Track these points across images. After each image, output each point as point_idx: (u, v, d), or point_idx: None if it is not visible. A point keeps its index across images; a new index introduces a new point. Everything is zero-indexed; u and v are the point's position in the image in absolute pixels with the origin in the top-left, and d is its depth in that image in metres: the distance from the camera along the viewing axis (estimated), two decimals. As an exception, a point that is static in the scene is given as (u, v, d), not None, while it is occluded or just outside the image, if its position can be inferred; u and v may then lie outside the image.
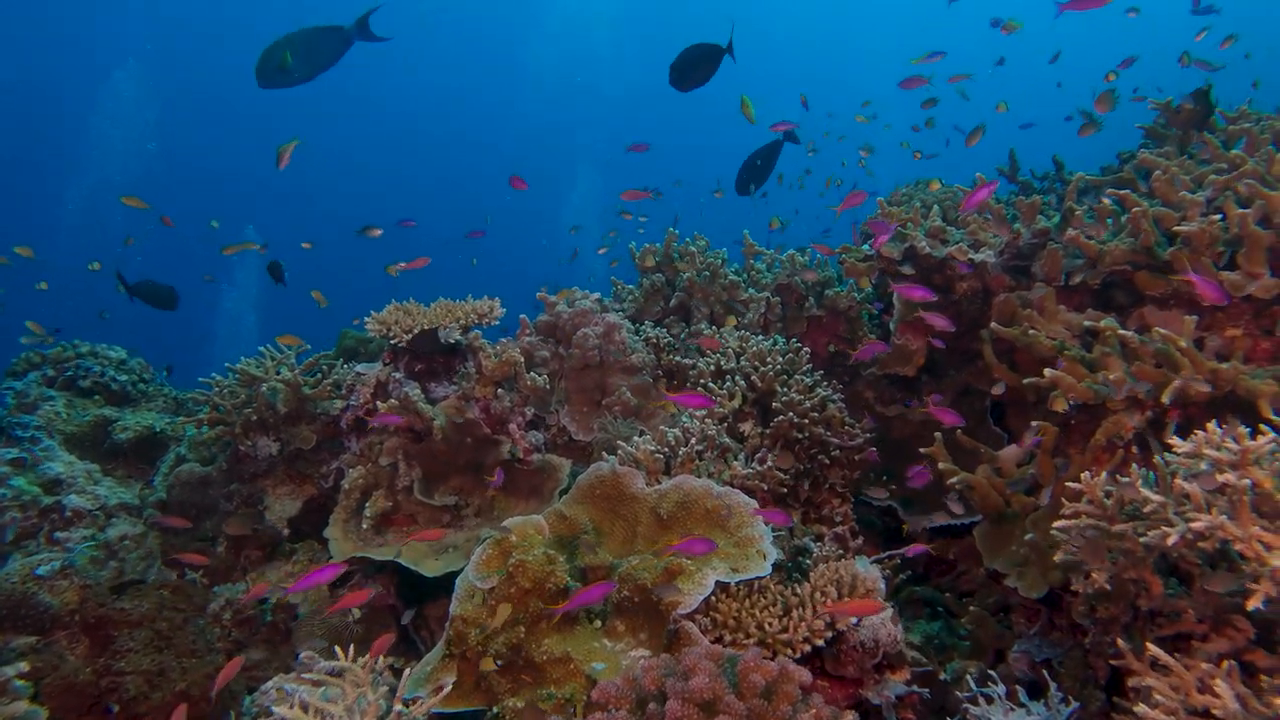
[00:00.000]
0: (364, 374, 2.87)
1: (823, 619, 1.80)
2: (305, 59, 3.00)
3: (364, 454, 2.79)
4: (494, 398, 2.74)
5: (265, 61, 2.99)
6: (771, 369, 2.77)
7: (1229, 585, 1.39)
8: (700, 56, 2.87)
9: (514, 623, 2.03)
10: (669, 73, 2.92)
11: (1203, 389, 1.79)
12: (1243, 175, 2.19)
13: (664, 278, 3.43)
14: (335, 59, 3.12)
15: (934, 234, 2.57)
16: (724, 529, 2.26)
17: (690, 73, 2.87)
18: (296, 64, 2.95)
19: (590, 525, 2.40)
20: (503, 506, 2.83)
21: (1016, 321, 2.43)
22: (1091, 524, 1.52)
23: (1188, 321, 1.90)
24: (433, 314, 2.96)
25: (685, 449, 2.45)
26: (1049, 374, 2.00)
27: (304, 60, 2.99)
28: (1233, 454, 1.34)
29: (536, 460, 2.79)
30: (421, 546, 2.66)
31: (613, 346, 2.98)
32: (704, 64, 2.86)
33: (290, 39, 2.99)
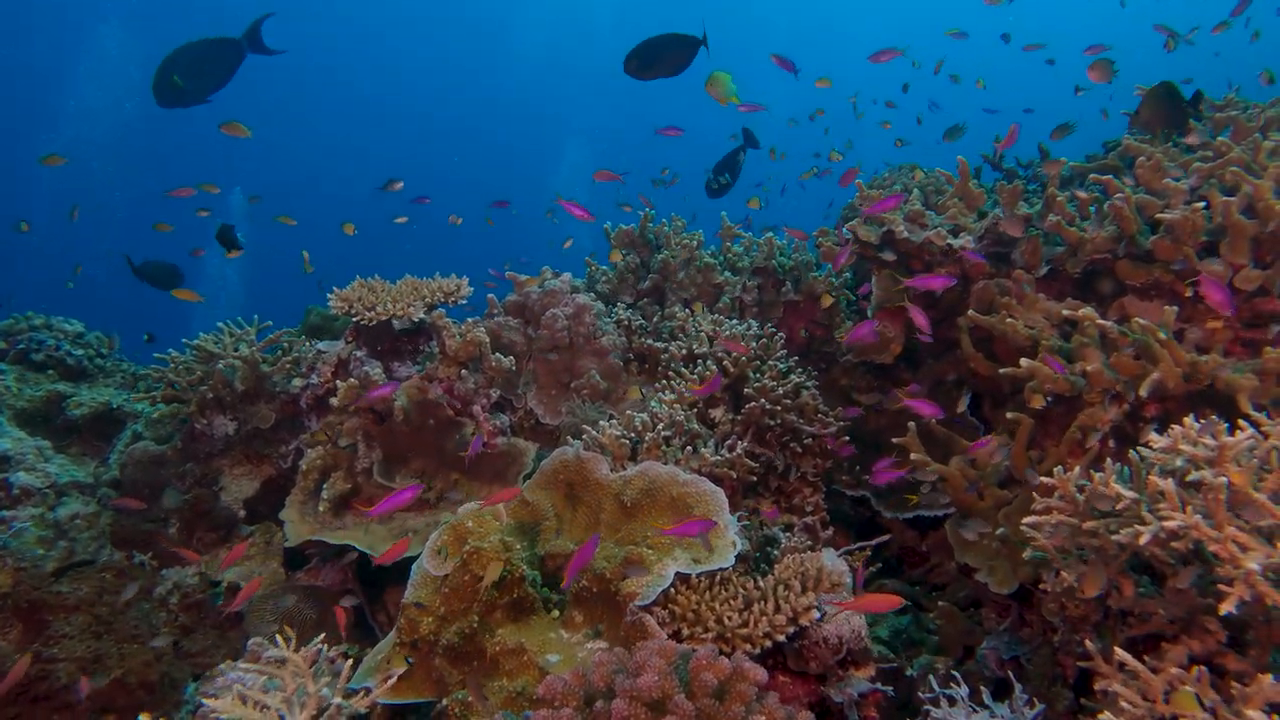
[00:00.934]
0: (325, 352, 2.79)
1: (784, 614, 1.74)
2: (196, 76, 2.91)
3: (324, 434, 2.71)
4: (458, 379, 2.66)
5: (158, 81, 2.90)
6: (745, 354, 2.70)
7: (1190, 580, 1.33)
8: (666, 47, 2.73)
9: (467, 611, 1.96)
10: (627, 60, 2.78)
11: (1180, 383, 1.74)
12: (1228, 163, 2.13)
13: (639, 259, 3.35)
14: (230, 73, 3.04)
15: (913, 218, 2.50)
16: (690, 517, 2.20)
17: (653, 63, 2.74)
18: (188, 83, 2.86)
19: (552, 511, 2.34)
20: (466, 491, 2.76)
21: (995, 310, 2.36)
22: (1063, 521, 1.46)
23: (1168, 312, 1.84)
24: (398, 292, 2.88)
25: (651, 434, 2.38)
26: (1025, 364, 1.93)
27: (195, 78, 2.91)
28: (1209, 450, 1.28)
29: (501, 443, 2.72)
30: (379, 530, 2.58)
31: (582, 328, 2.90)
32: (670, 54, 2.72)
33: (176, 57, 2.90)
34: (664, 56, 2.70)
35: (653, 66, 2.71)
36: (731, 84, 2.48)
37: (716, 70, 2.48)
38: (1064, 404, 2.18)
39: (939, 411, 2.39)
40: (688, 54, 2.71)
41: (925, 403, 2.46)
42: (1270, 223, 1.97)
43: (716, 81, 2.48)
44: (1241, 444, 1.25)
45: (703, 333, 2.85)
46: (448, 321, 2.66)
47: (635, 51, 2.71)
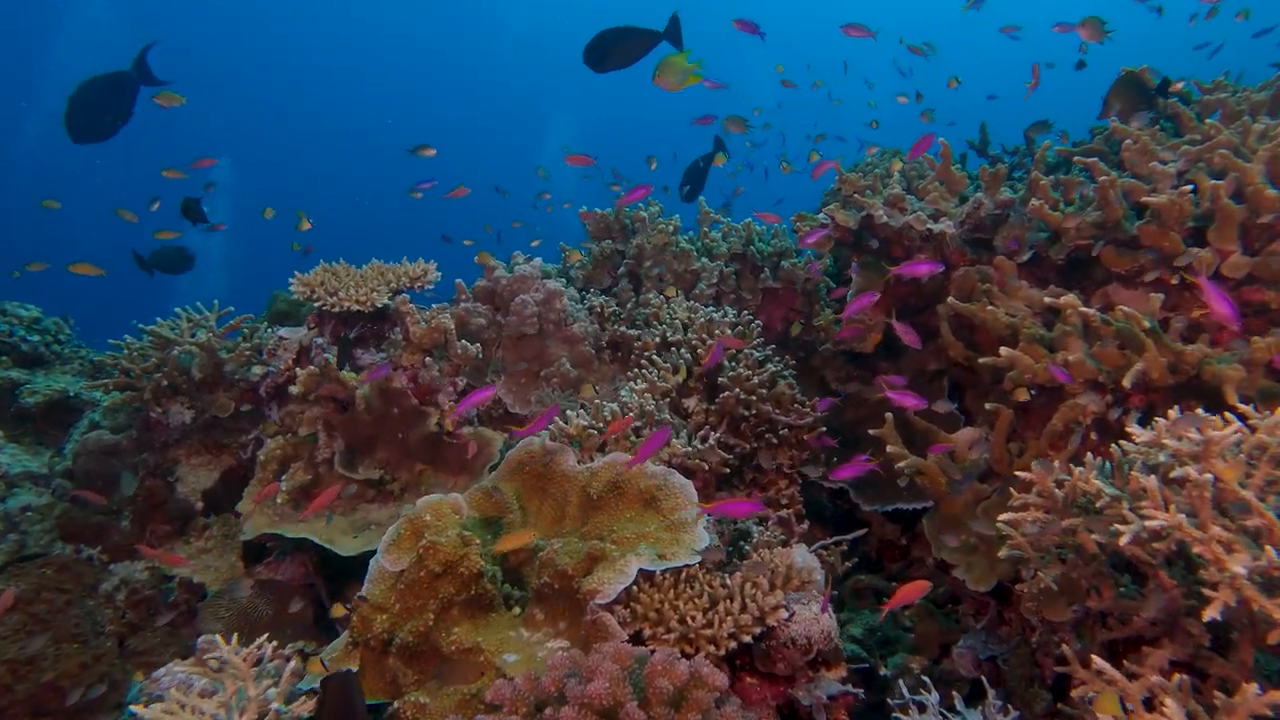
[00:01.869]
0: (287, 338, 2.70)
1: (751, 613, 1.66)
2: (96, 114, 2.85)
3: (284, 423, 2.62)
4: (422, 366, 2.57)
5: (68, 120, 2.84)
6: (718, 339, 2.61)
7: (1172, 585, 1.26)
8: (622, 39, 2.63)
9: (423, 609, 1.88)
10: (585, 52, 2.68)
11: (1165, 374, 1.66)
12: (1216, 146, 2.05)
13: (614, 245, 3.27)
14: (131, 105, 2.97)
15: (892, 203, 2.42)
16: (657, 511, 2.12)
17: (608, 56, 2.64)
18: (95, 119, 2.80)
19: (517, 504, 2.26)
20: (431, 482, 2.67)
21: (975, 297, 2.29)
22: (1041, 518, 1.39)
23: (1153, 300, 1.76)
24: (362, 276, 2.78)
25: (619, 423, 2.30)
26: (1005, 353, 1.86)
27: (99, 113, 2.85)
28: (1195, 445, 1.20)
29: (467, 433, 2.63)
30: (340, 523, 2.50)
31: (553, 315, 2.81)
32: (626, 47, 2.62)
33: (75, 97, 2.83)
34: (620, 49, 2.62)
35: (606, 59, 2.62)
36: (687, 65, 2.35)
37: (668, 56, 2.35)
38: (1046, 395, 2.11)
39: (922, 402, 2.32)
40: (643, 47, 2.62)
41: (908, 394, 2.39)
42: (1259, 209, 1.89)
43: (667, 67, 2.35)
44: (1228, 438, 1.17)
45: (677, 320, 2.77)
46: (411, 307, 2.57)
47: (591, 43, 2.64)
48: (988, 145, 3.69)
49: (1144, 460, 1.31)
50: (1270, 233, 1.93)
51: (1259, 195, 1.88)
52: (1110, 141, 2.71)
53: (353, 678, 1.45)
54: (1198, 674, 1.41)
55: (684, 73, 2.35)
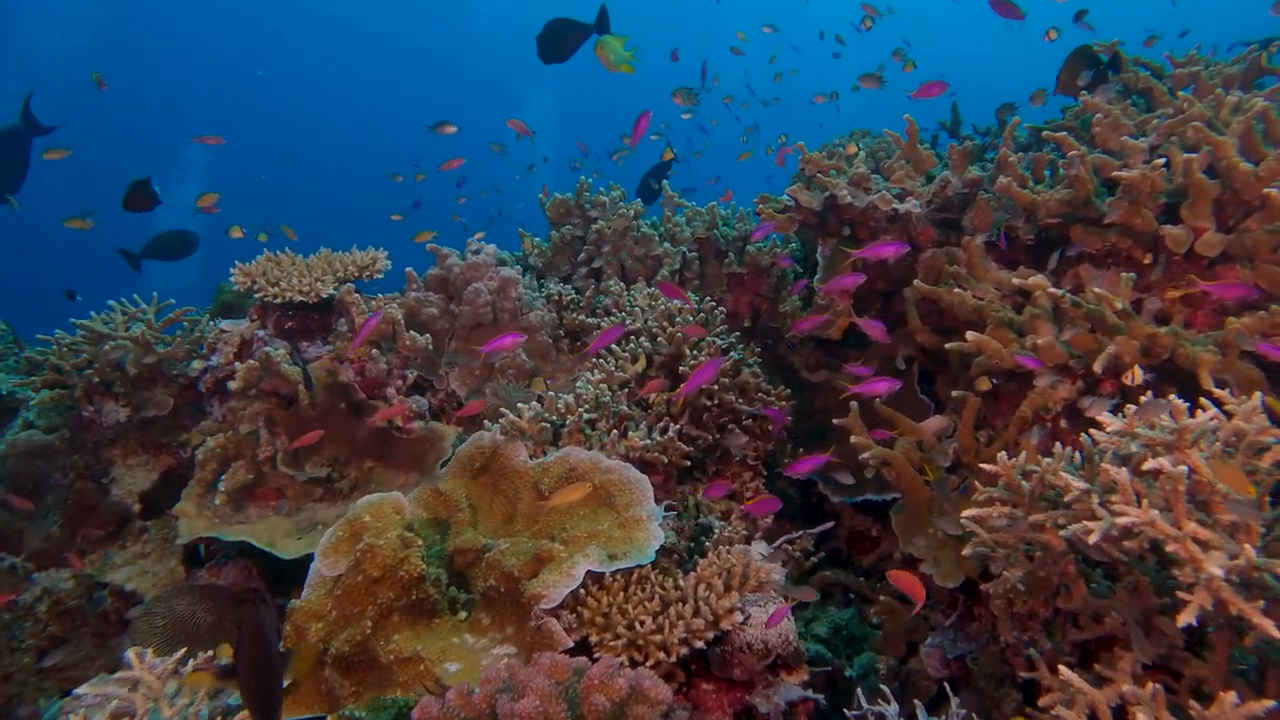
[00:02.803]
0: (228, 331, 2.57)
1: (704, 617, 1.57)
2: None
3: (226, 420, 2.49)
4: (369, 359, 2.45)
5: None
6: (680, 330, 2.51)
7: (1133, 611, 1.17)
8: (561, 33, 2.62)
9: (360, 616, 1.77)
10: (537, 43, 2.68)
11: (1137, 358, 1.58)
12: (1189, 119, 1.97)
13: (575, 230, 3.15)
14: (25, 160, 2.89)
15: (857, 182, 2.33)
16: (612, 508, 2.02)
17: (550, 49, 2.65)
18: None
19: (466, 502, 2.15)
20: (381, 479, 2.56)
21: (943, 280, 2.20)
22: (1006, 513, 1.30)
23: (1124, 280, 1.67)
24: (308, 266, 2.66)
25: (573, 418, 2.20)
26: (971, 338, 1.77)
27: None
28: (1168, 434, 1.11)
29: (418, 428, 2.52)
30: (284, 524, 2.38)
31: (508, 304, 2.70)
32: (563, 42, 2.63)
33: None
34: (558, 43, 2.63)
35: (549, 52, 2.64)
36: (623, 50, 2.26)
37: (607, 35, 2.26)
38: (1017, 380, 2.03)
39: (895, 383, 2.22)
40: (576, 41, 2.61)
41: (878, 380, 2.30)
42: (1233, 183, 1.81)
43: (605, 47, 2.25)
44: (1204, 426, 1.08)
45: (637, 308, 2.66)
46: (356, 297, 2.45)
47: (539, 35, 2.63)
48: (959, 126, 3.60)
49: (1115, 450, 1.22)
50: (1245, 208, 1.84)
51: (1233, 169, 1.79)
52: (1082, 119, 2.62)
53: (267, 616, 1.35)
54: (1172, 675, 1.33)
55: (619, 57, 2.25)
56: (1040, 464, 1.31)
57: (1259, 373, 1.66)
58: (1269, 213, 1.79)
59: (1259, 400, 1.21)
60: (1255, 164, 1.79)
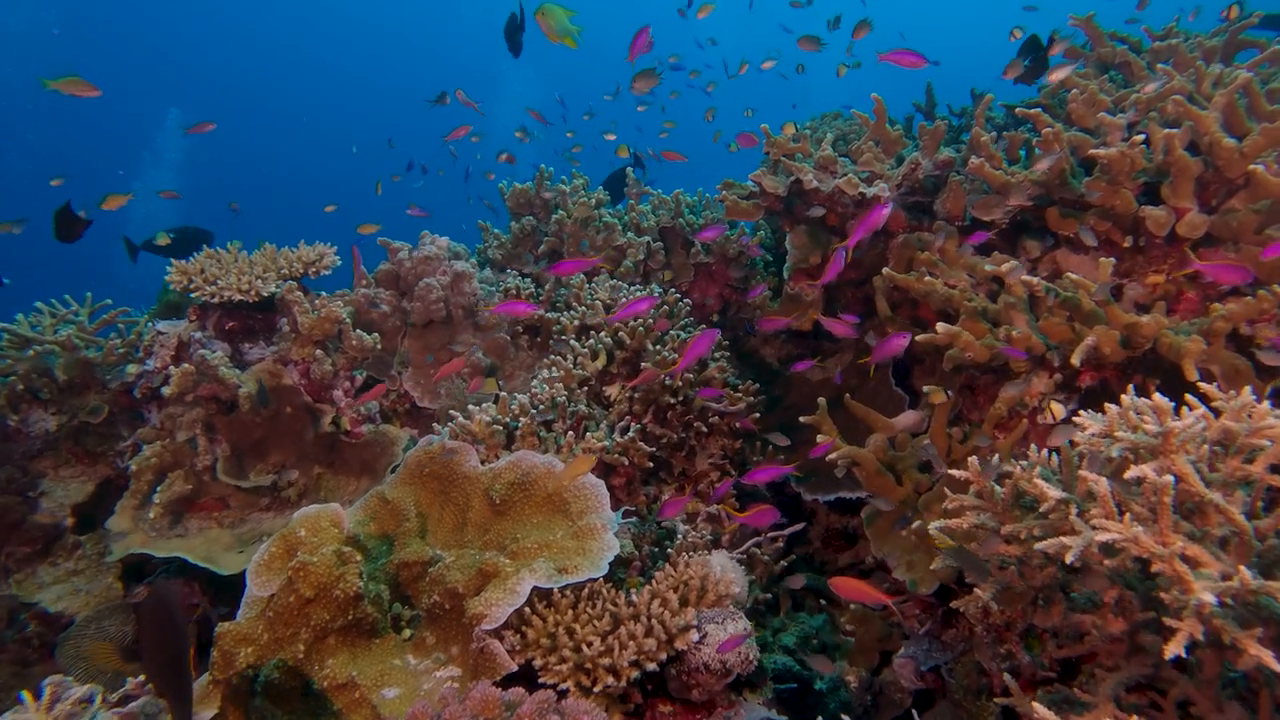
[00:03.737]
0: (164, 333, 2.43)
1: (656, 638, 1.45)
2: None
3: (163, 427, 2.36)
4: (314, 360, 2.32)
5: None
6: (643, 324, 2.39)
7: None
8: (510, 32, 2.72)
9: (293, 639, 1.65)
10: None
11: (1117, 349, 1.47)
12: (1169, 93, 1.86)
13: (535, 220, 3.02)
14: None
15: (823, 165, 2.21)
16: (566, 515, 1.91)
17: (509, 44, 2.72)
18: None
19: (414, 511, 2.03)
20: (330, 486, 2.44)
21: (915, 267, 2.08)
22: (978, 524, 1.19)
23: (1104, 265, 1.57)
24: (250, 263, 2.52)
25: (526, 420, 2.08)
26: (942, 330, 1.65)
27: None
28: (1153, 437, 1.00)
29: (368, 432, 2.39)
30: (225, 537, 2.25)
31: (462, 299, 2.57)
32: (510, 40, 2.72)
33: None
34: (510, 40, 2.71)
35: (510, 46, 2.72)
36: (567, 22, 2.14)
37: (550, 3, 2.14)
38: (993, 372, 1.92)
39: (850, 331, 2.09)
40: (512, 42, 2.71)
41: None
42: (1216, 160, 1.70)
43: (548, 15, 2.13)
44: (1191, 429, 0.97)
45: (598, 301, 2.54)
46: (299, 296, 2.31)
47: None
48: (934, 107, 3.49)
49: (1094, 453, 1.11)
50: (1228, 187, 1.74)
51: (1216, 146, 1.69)
52: (1058, 96, 2.52)
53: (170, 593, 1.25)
54: (1159, 692, 1.23)
55: (563, 29, 2.13)
56: (1014, 469, 1.20)
57: (1246, 362, 1.56)
58: (1253, 191, 1.68)
59: (1249, 396, 1.11)
60: (1239, 139, 1.68)
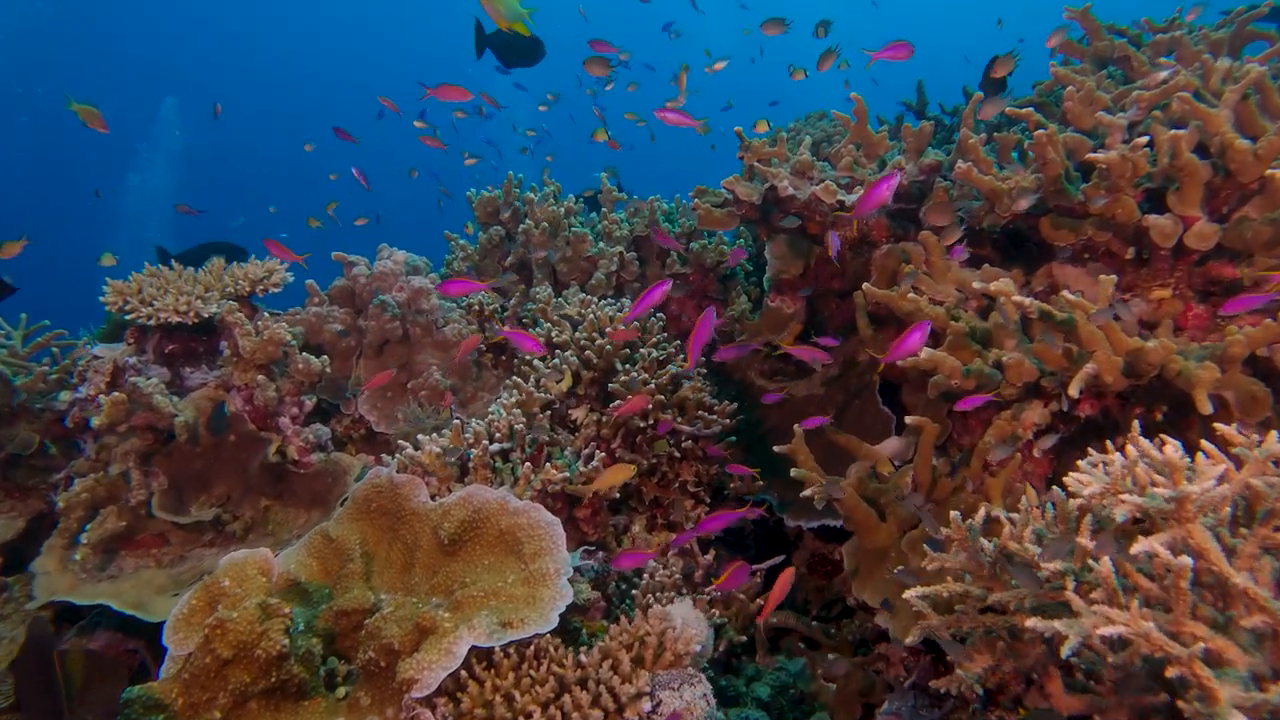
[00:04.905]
0: (100, 357, 2.27)
1: (602, 708, 1.29)
2: None
3: (98, 459, 2.20)
4: (257, 385, 2.16)
5: None
6: (611, 342, 2.23)
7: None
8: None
9: (209, 705, 1.49)
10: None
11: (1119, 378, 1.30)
12: (1174, 89, 1.69)
13: (504, 230, 2.86)
14: None
15: (800, 171, 2.05)
16: (519, 557, 1.75)
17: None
18: None
19: (359, 550, 1.87)
20: (279, 519, 2.28)
21: (899, 280, 1.92)
22: (961, 593, 1.03)
23: (1104, 282, 1.40)
24: (194, 280, 2.37)
25: (478, 452, 1.92)
26: (925, 355, 1.49)
27: None
28: (1165, 501, 0.84)
29: (318, 460, 2.23)
30: (160, 578, 2.10)
31: (420, 317, 2.41)
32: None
33: None
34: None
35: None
36: (517, 5, 1.99)
37: None
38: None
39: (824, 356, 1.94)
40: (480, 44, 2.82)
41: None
42: (1229, 164, 1.54)
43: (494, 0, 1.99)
44: (1210, 494, 0.81)
45: (566, 316, 2.38)
46: (240, 317, 2.15)
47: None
48: (926, 106, 3.34)
49: (1094, 514, 0.95)
50: (1241, 193, 1.58)
51: (1228, 148, 1.52)
52: (1053, 93, 2.36)
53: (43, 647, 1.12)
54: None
55: (512, 13, 1.98)
56: (1003, 524, 1.04)
57: (1264, 389, 1.39)
58: (1270, 197, 1.52)
59: (1275, 444, 0.95)
60: (1253, 140, 1.52)
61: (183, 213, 3.88)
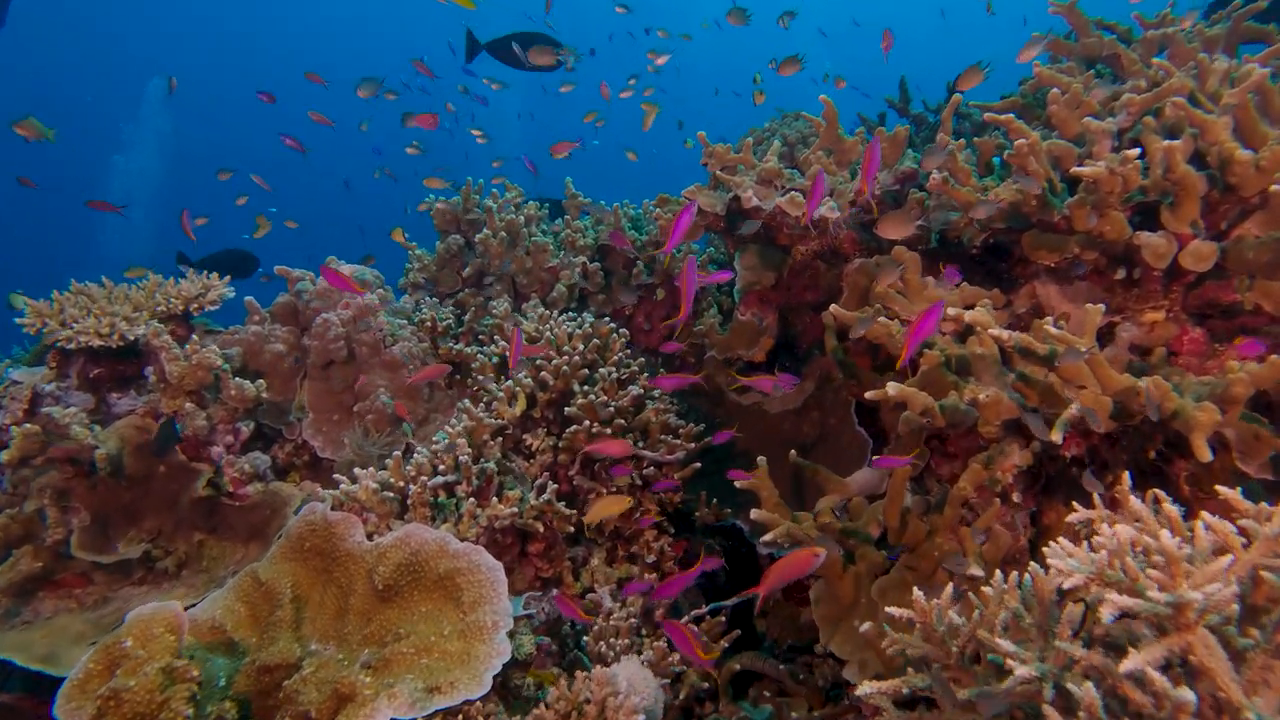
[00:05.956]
0: (19, 383, 2.12)
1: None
2: None
3: (15, 493, 2.05)
4: (186, 414, 2.01)
5: None
6: (569, 362, 2.09)
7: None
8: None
9: (104, 785, 1.35)
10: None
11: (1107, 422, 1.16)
12: (1167, 93, 1.55)
13: (463, 239, 2.71)
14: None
15: (766, 179, 1.90)
16: (458, 605, 1.61)
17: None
18: None
19: (290, 594, 1.73)
20: (214, 554, 2.13)
21: (873, 300, 1.78)
22: (922, 687, 0.89)
23: (1092, 312, 1.26)
24: (125, 298, 2.22)
25: (416, 488, 1.77)
26: (893, 390, 1.35)
27: None
28: (1161, 605, 0.70)
29: (255, 492, 2.08)
30: (77, 624, 1.94)
31: (366, 336, 2.26)
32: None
33: None
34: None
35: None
36: None
37: None
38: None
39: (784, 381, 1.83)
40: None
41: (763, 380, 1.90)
42: (1228, 176, 1.40)
43: None
44: (1216, 599, 0.67)
45: (524, 331, 2.24)
46: (166, 340, 2.00)
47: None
48: (909, 104, 3.19)
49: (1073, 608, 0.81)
50: (1242, 208, 1.44)
51: (1228, 159, 1.38)
52: (1040, 94, 2.21)
53: None
54: None
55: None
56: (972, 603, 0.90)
57: (1267, 429, 1.25)
58: (1272, 214, 1.38)
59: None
60: (1254, 151, 1.38)
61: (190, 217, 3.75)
